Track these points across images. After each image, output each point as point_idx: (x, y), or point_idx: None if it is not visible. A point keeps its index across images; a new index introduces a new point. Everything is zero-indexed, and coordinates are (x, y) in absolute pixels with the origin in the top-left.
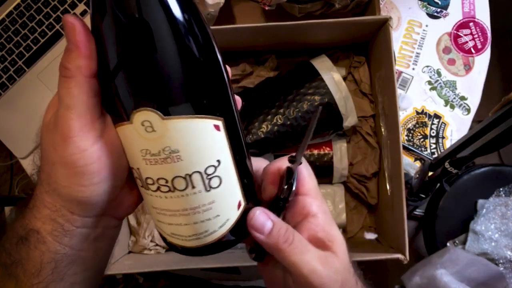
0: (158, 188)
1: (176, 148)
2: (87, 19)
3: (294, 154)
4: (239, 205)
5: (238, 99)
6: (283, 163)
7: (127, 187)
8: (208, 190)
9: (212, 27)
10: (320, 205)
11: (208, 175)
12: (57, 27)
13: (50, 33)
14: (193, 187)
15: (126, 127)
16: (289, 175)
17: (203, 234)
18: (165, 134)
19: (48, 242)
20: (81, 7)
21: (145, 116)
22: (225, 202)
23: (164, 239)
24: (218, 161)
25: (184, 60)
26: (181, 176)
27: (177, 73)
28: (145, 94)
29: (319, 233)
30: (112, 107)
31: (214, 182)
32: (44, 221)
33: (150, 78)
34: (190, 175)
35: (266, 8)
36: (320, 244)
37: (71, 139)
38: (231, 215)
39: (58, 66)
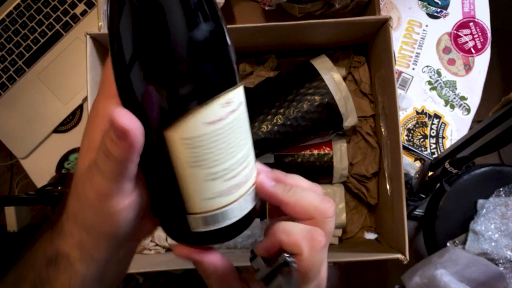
0: None
1: None
2: (87, 19)
3: (289, 259)
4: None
5: None
6: (289, 242)
7: (148, 215)
8: None
9: None
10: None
11: None
12: (57, 27)
13: (50, 33)
14: None
15: None
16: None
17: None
18: None
19: (77, 267)
20: (81, 7)
21: None
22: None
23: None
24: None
25: None
26: None
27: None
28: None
29: None
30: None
31: None
32: (72, 248)
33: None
34: None
35: (266, 8)
36: None
37: (102, 200)
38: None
39: (58, 66)
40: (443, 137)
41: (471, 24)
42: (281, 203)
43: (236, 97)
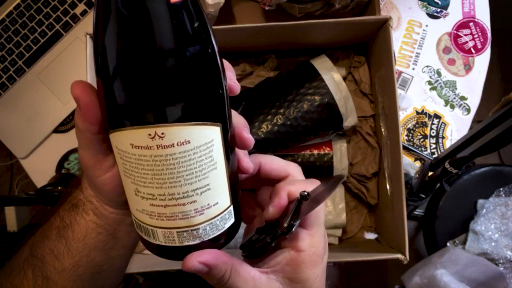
0: None
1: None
2: (87, 19)
3: (306, 192)
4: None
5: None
6: (296, 188)
7: None
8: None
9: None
10: (312, 244)
11: None
12: (57, 27)
13: (50, 33)
14: None
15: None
16: (297, 209)
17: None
18: None
19: (91, 214)
20: (81, 7)
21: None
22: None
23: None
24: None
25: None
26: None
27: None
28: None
29: (290, 267)
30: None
31: None
32: (86, 200)
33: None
34: None
35: (266, 8)
36: (285, 278)
37: (88, 170)
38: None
39: (58, 66)
40: (443, 137)
41: (471, 24)
42: (260, 166)
43: (175, 134)
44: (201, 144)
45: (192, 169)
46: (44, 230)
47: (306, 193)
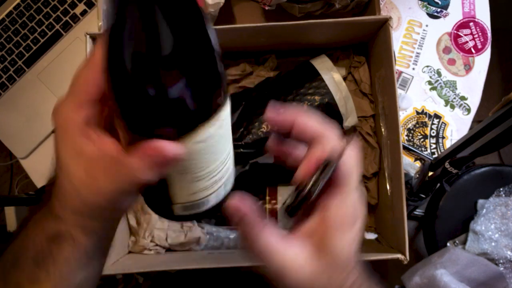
0: None
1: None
2: (87, 19)
3: (330, 159)
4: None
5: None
6: (325, 148)
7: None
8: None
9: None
10: (340, 207)
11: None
12: (57, 27)
13: (50, 33)
14: None
15: None
16: (321, 174)
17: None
18: None
19: (79, 240)
20: (81, 7)
21: None
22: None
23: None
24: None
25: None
26: None
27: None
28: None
29: (319, 232)
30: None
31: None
32: (72, 227)
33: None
34: None
35: (266, 8)
36: (313, 245)
37: (88, 188)
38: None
39: (58, 66)
40: (443, 137)
41: (471, 24)
42: (295, 121)
43: (223, 115)
44: (227, 116)
45: (229, 133)
46: (16, 258)
47: (330, 160)
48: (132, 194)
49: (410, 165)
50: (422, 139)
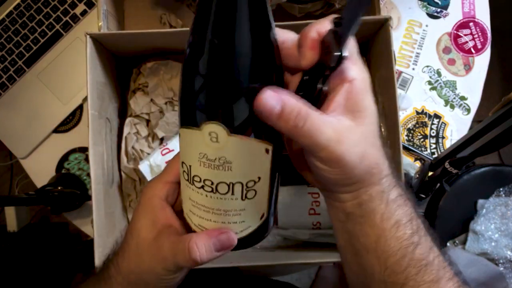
0: (202, 187)
1: (230, 160)
2: (87, 19)
3: (338, 16)
4: (262, 216)
5: None
6: (322, 26)
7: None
8: (243, 199)
9: None
10: (359, 71)
11: (248, 187)
12: (57, 27)
13: (50, 33)
14: (232, 193)
15: (193, 132)
16: (337, 39)
17: None
18: (225, 147)
19: None
20: (81, 7)
21: (214, 128)
22: (253, 212)
23: (188, 227)
24: (259, 178)
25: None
26: (225, 183)
27: (249, 106)
28: (221, 112)
29: (349, 100)
30: (187, 113)
31: (250, 194)
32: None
33: (229, 103)
34: (233, 184)
35: None
36: (349, 112)
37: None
38: (253, 223)
39: (58, 66)
40: (443, 137)
41: (471, 24)
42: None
43: None
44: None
45: None
46: None
47: (337, 19)
48: (183, 271)
49: (410, 165)
50: (422, 139)
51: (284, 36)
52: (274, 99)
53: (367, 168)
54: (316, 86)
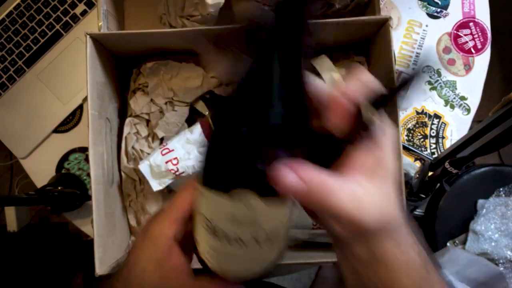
0: (226, 237)
1: (257, 219)
2: (87, 19)
3: (377, 94)
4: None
5: None
6: (351, 98)
7: None
8: (265, 247)
9: (212, 27)
10: (385, 127)
11: (270, 236)
12: (57, 27)
13: (50, 33)
14: (256, 242)
15: (220, 193)
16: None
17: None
18: (252, 209)
19: None
20: (81, 7)
21: (243, 193)
22: (274, 252)
23: (205, 265)
24: (281, 223)
25: None
26: (250, 235)
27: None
28: (251, 182)
29: (371, 160)
30: (214, 178)
31: (272, 240)
32: None
33: (259, 177)
34: (257, 234)
35: (266, 8)
36: (369, 173)
37: None
38: (274, 260)
39: (58, 66)
40: (443, 137)
41: (471, 24)
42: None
43: None
44: None
45: None
46: None
47: (377, 98)
48: None
49: (410, 165)
50: (422, 139)
51: (317, 92)
52: (299, 184)
53: (383, 225)
54: (337, 140)
